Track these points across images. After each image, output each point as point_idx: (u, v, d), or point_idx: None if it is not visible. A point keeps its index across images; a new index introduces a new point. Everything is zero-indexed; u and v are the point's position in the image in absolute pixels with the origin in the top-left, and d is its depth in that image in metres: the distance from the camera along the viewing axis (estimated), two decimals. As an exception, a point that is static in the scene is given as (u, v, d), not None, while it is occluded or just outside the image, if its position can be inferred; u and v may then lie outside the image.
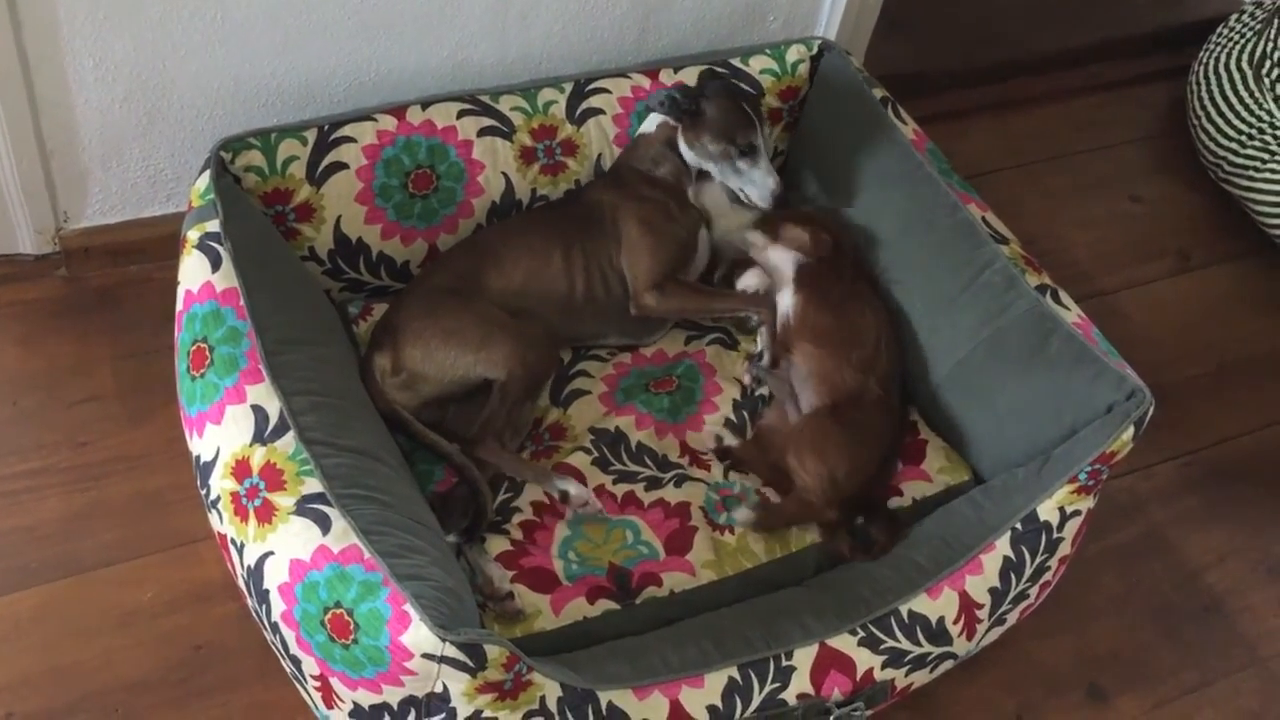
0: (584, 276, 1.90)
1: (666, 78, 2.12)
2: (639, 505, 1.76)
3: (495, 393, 1.75)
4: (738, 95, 1.98)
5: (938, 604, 1.62)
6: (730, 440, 1.86)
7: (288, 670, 1.50)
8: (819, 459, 1.75)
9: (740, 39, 2.34)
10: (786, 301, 1.93)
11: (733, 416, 1.91)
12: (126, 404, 1.95)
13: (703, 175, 1.99)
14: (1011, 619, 1.75)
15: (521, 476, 1.74)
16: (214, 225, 1.68)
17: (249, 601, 1.49)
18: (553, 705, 1.41)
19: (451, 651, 1.30)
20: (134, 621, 1.72)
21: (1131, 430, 1.66)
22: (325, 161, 1.87)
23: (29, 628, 1.70)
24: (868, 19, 2.48)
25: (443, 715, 1.37)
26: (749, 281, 1.95)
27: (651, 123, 2.01)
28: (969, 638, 1.67)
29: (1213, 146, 2.68)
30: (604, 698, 1.44)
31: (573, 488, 1.71)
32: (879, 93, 2.12)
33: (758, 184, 1.94)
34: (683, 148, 1.96)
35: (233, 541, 1.48)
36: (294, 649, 1.43)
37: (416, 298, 1.84)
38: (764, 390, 1.94)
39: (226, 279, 1.64)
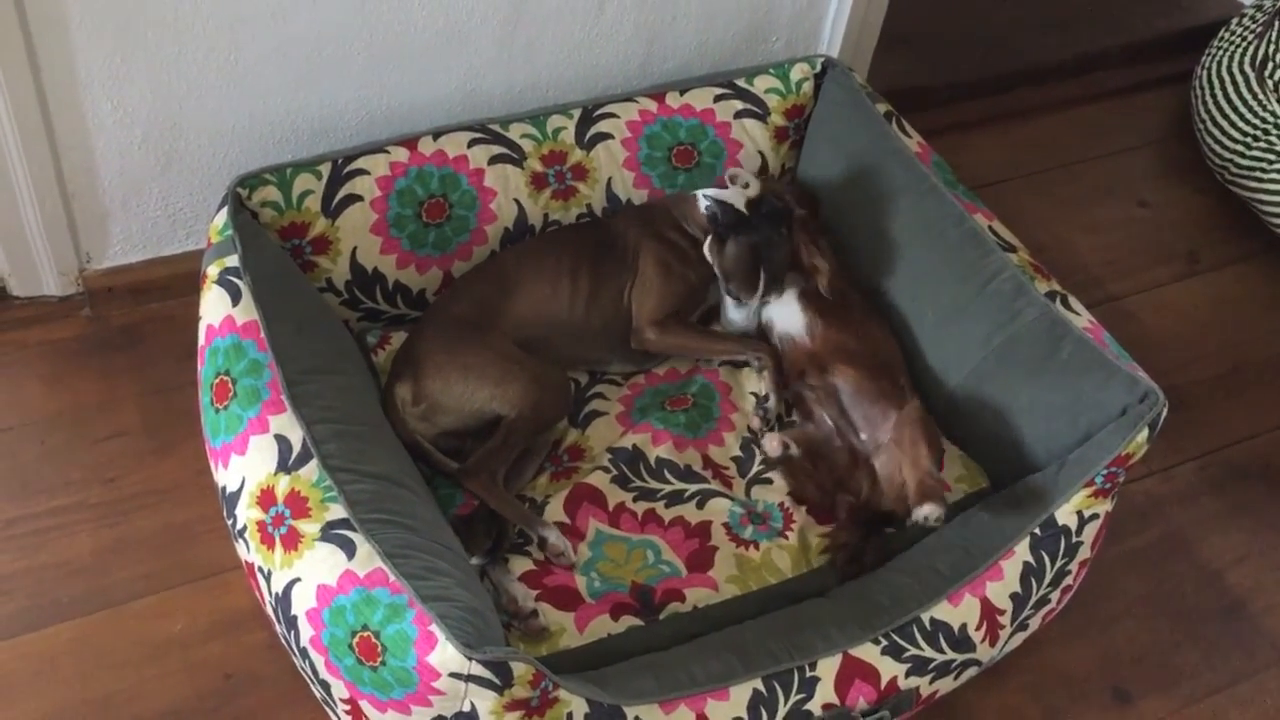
0: (591, 302, 1.92)
1: (673, 101, 2.14)
2: (659, 523, 1.78)
3: (501, 429, 1.77)
4: (762, 256, 1.88)
5: (959, 611, 1.63)
6: (795, 451, 1.86)
7: (318, 695, 1.52)
8: (929, 446, 1.77)
9: (744, 59, 2.37)
10: (798, 323, 1.94)
11: (750, 435, 1.93)
12: (152, 439, 1.98)
13: None
14: (1034, 624, 1.76)
15: (506, 515, 1.73)
16: (233, 260, 1.72)
17: (278, 628, 1.52)
18: (580, 721, 1.43)
19: (478, 670, 1.32)
20: (165, 652, 1.74)
21: (1146, 432, 1.67)
22: (340, 194, 1.90)
23: (63, 661, 1.72)
24: (869, 35, 2.51)
25: (472, 734, 1.38)
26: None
27: (703, 199, 1.97)
28: (992, 644, 1.67)
29: (1218, 149, 2.69)
30: (630, 712, 1.45)
31: (551, 535, 1.71)
32: (883, 107, 2.15)
33: (731, 316, 1.96)
34: (706, 244, 1.97)
35: (260, 569, 1.51)
36: (323, 673, 1.45)
37: (437, 328, 1.87)
38: (772, 404, 1.94)
39: (247, 312, 1.67)
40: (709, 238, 1.95)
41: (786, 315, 1.96)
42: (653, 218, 2.01)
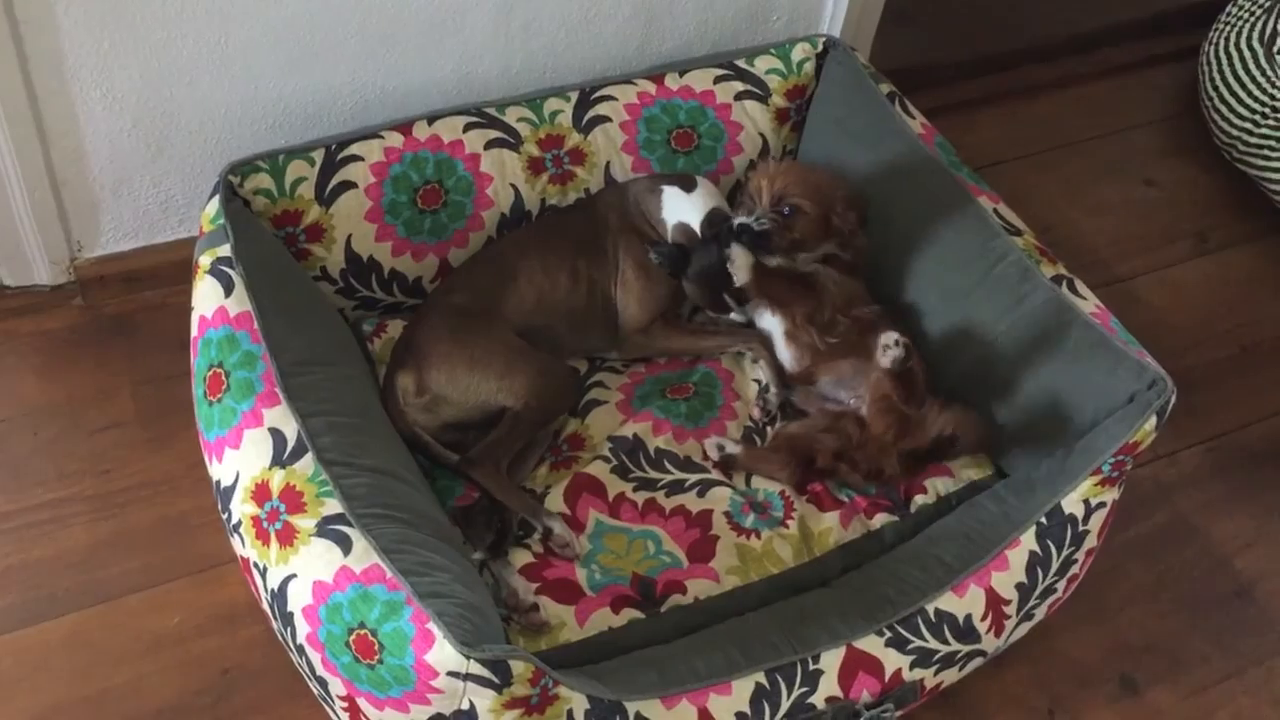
0: (589, 295, 1.90)
1: (672, 82, 2.11)
2: (660, 513, 1.76)
3: (506, 419, 1.75)
4: (717, 280, 1.85)
5: (964, 602, 1.61)
6: (733, 449, 1.84)
7: (315, 691, 1.51)
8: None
9: (745, 39, 2.34)
10: (784, 354, 1.91)
11: (752, 423, 1.91)
12: (147, 430, 1.96)
13: None
14: (1040, 614, 1.74)
15: (510, 505, 1.72)
16: (225, 250, 1.69)
17: (274, 624, 1.50)
18: (581, 718, 1.41)
19: (476, 669, 1.30)
20: (162, 647, 1.73)
21: (1154, 420, 1.64)
22: (334, 181, 1.88)
23: (58, 656, 1.71)
24: (872, 13, 2.47)
25: (471, 732, 1.37)
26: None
27: (674, 207, 1.94)
28: (997, 634, 1.65)
29: (1226, 127, 2.65)
30: (632, 708, 1.44)
31: (557, 526, 1.70)
32: (885, 88, 2.12)
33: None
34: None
35: (255, 565, 1.49)
36: (320, 670, 1.43)
37: (439, 317, 1.84)
38: (772, 394, 1.92)
39: (240, 303, 1.64)
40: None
41: (775, 340, 1.92)
42: (626, 206, 1.98)
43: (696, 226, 1.91)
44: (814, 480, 1.82)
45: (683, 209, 1.93)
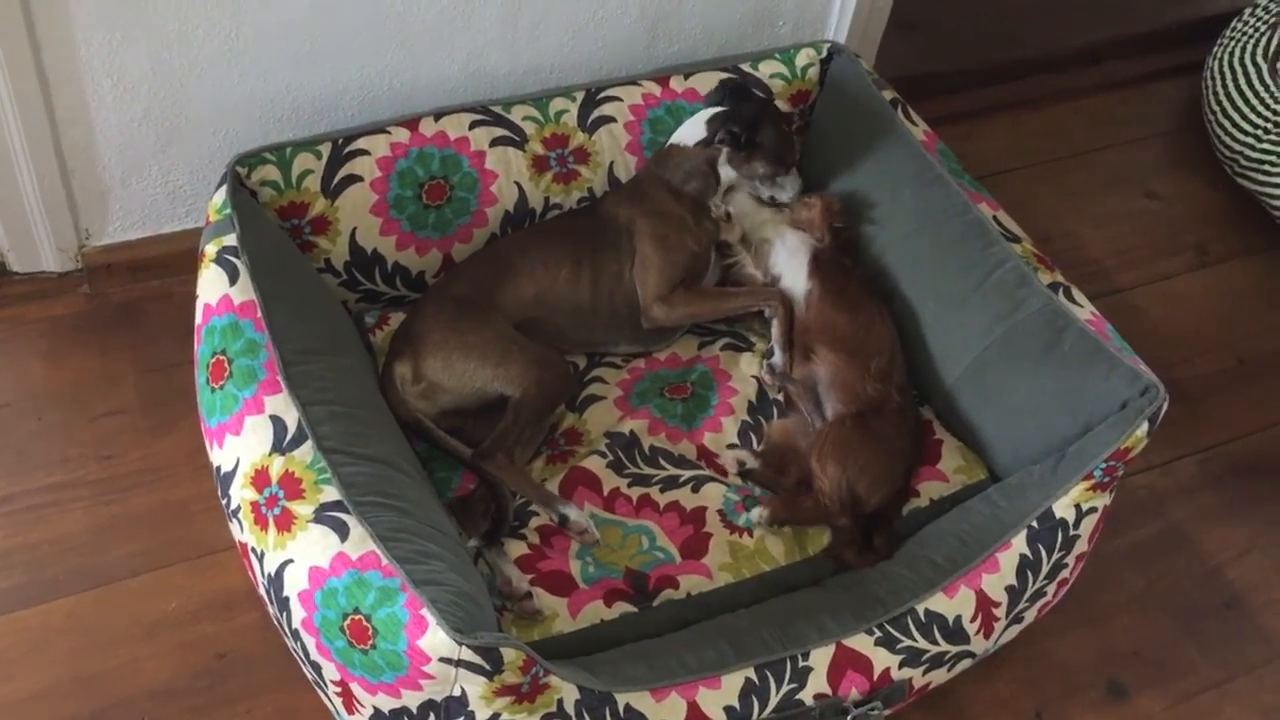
0: (594, 288, 1.92)
1: (677, 85, 2.13)
2: (654, 508, 1.77)
3: (510, 409, 1.77)
4: (779, 118, 2.07)
5: (954, 603, 1.63)
6: (752, 464, 1.85)
7: (309, 676, 1.52)
8: (840, 466, 1.76)
9: (750, 44, 2.36)
10: (801, 287, 1.94)
11: (749, 419, 1.92)
12: (149, 417, 1.98)
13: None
14: (1029, 617, 1.75)
15: (525, 495, 1.74)
16: (231, 239, 1.71)
17: (270, 609, 1.51)
18: (570, 708, 1.42)
19: (468, 655, 1.32)
20: (159, 631, 1.74)
21: (1146, 426, 1.66)
22: (340, 174, 1.90)
23: (57, 638, 1.73)
24: (877, 21, 2.49)
25: (461, 719, 1.38)
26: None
27: (689, 134, 2.01)
28: (986, 636, 1.67)
29: (1228, 142, 2.67)
30: (621, 700, 1.45)
31: (572, 513, 1.71)
32: (889, 95, 2.13)
33: (788, 188, 2.06)
34: (723, 168, 2.00)
35: (253, 550, 1.50)
36: (314, 655, 1.44)
37: (437, 307, 1.86)
38: (778, 396, 1.94)
39: (244, 292, 1.66)
40: (727, 157, 1.98)
41: (794, 271, 1.96)
42: (642, 192, 2.00)
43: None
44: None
45: (691, 134, 2.04)
